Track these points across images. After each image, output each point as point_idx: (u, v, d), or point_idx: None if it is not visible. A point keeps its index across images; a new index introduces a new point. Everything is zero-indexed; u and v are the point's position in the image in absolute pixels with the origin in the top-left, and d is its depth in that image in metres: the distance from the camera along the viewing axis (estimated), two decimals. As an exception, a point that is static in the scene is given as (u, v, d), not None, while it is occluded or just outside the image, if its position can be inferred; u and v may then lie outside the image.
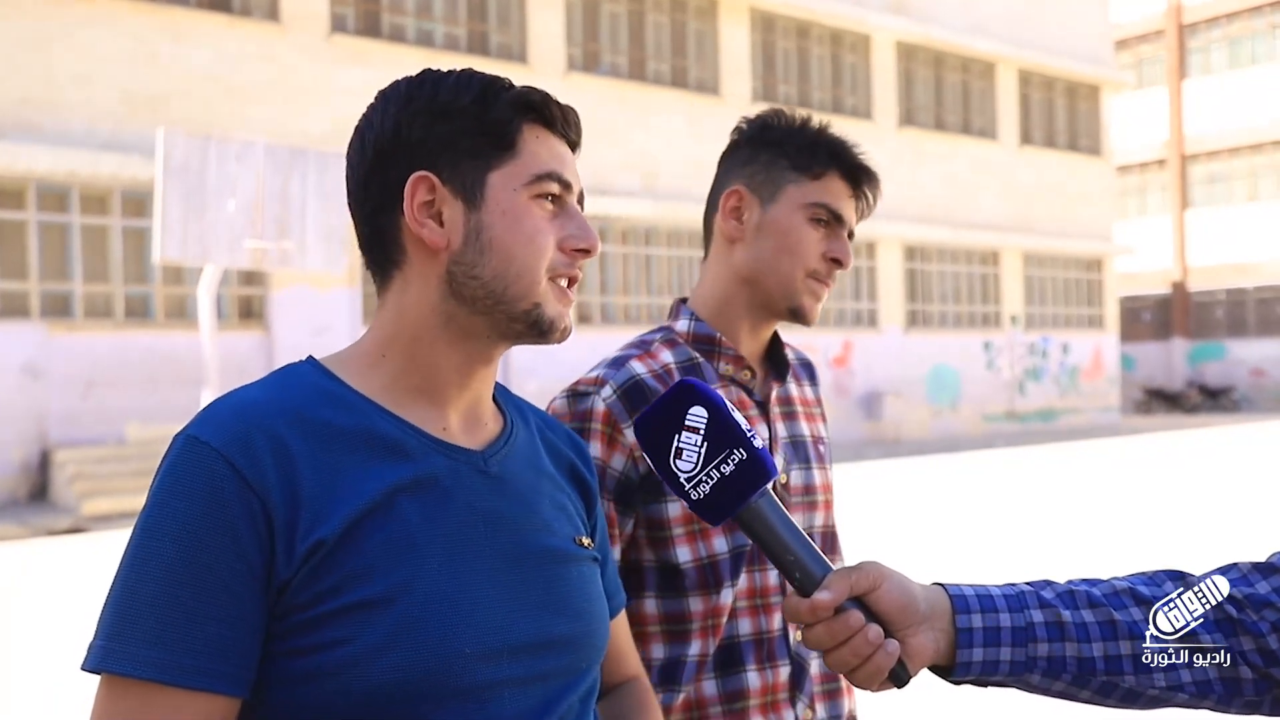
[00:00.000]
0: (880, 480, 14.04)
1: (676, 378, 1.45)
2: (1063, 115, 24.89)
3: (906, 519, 10.47)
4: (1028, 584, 1.10)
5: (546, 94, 1.06)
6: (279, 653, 0.95)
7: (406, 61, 15.50)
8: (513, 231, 1.03)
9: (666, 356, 1.51)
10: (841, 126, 1.58)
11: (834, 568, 1.02)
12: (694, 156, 18.25)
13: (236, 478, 0.93)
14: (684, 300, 1.60)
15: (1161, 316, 32.94)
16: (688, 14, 18.90)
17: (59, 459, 12.43)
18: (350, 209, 1.08)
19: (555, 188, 1.06)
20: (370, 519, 0.97)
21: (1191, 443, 19.40)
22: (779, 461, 1.51)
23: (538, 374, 16.49)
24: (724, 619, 1.45)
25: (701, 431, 1.02)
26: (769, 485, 1.02)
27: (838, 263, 1.53)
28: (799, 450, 1.57)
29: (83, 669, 0.92)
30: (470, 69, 1.07)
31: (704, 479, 1.01)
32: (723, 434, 1.01)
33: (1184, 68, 32.27)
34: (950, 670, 1.06)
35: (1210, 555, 7.73)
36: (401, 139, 1.04)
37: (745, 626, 1.47)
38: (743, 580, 1.47)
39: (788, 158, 1.53)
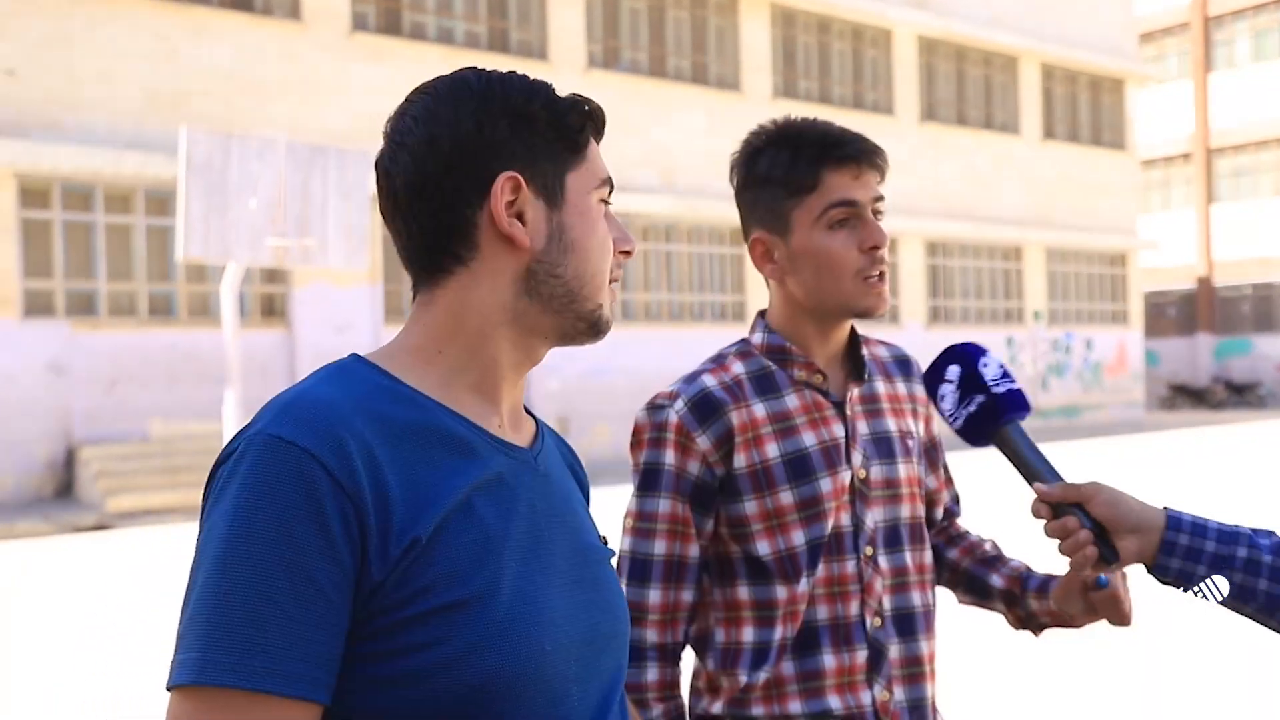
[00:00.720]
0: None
1: (746, 387, 1.60)
2: (1086, 109, 24.72)
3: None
4: (1254, 529, 1.31)
5: (596, 103, 1.11)
6: (363, 656, 0.94)
7: (428, 59, 15.53)
8: (590, 232, 1.08)
9: (738, 368, 1.62)
10: (863, 122, 1.60)
11: (1064, 480, 1.33)
12: (714, 152, 18.22)
13: (329, 479, 0.92)
14: (763, 313, 1.69)
15: (1186, 311, 32.70)
16: (708, 9, 18.86)
17: (84, 456, 12.52)
18: (402, 203, 1.06)
19: (608, 192, 1.11)
20: (454, 518, 0.97)
21: (1217, 439, 19.25)
22: (857, 457, 1.60)
23: (560, 371, 16.50)
24: (803, 606, 1.55)
25: (956, 382, 1.40)
26: (1013, 418, 1.36)
27: (875, 248, 1.57)
28: (880, 446, 1.63)
29: (175, 684, 0.88)
30: (514, 71, 1.09)
31: (958, 415, 1.40)
32: (969, 384, 1.38)
33: (1209, 60, 32.00)
34: (1152, 569, 1.32)
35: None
36: (485, 138, 1.04)
37: (823, 613, 1.56)
38: (821, 569, 1.56)
39: (781, 186, 1.58)
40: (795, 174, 1.57)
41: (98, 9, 13.06)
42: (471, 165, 1.04)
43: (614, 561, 1.17)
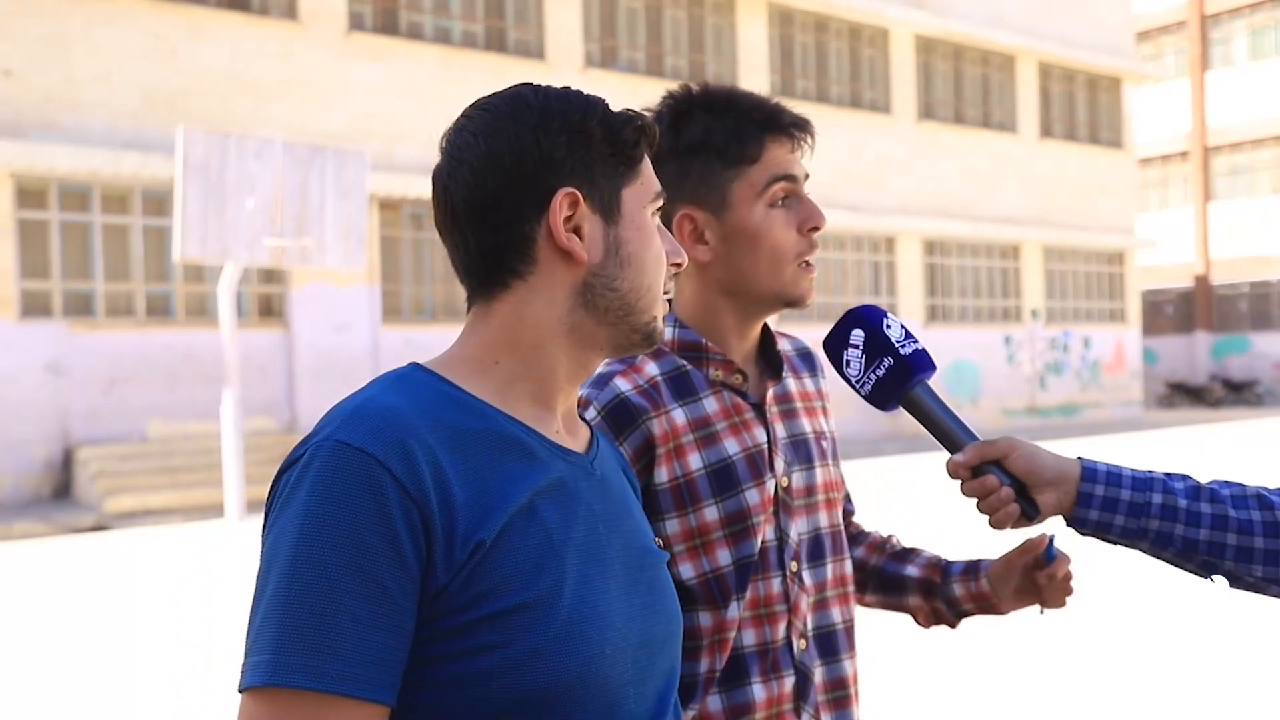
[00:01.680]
0: (899, 476, 14.00)
1: (663, 390, 1.42)
2: (1083, 108, 24.74)
3: (926, 515, 10.44)
4: (1167, 474, 1.32)
5: (649, 118, 1.12)
6: (427, 658, 0.96)
7: (424, 58, 15.52)
8: (646, 246, 1.10)
9: (651, 369, 1.44)
10: (860, 121, 1.57)
11: (978, 438, 1.31)
12: (712, 152, 18.21)
13: (397, 486, 0.94)
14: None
15: (1184, 310, 32.72)
16: (705, 9, 18.86)
17: (82, 456, 12.51)
18: (460, 217, 1.07)
19: (660, 205, 1.13)
20: (518, 521, 0.99)
21: (1215, 437, 19.27)
22: (780, 464, 1.46)
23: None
24: (731, 633, 1.40)
25: (861, 347, 1.34)
26: (921, 379, 1.31)
27: (816, 229, 1.44)
28: (799, 450, 1.50)
29: (248, 686, 0.90)
30: (569, 87, 1.11)
31: (866, 380, 1.34)
32: (876, 347, 1.33)
33: (1206, 59, 32.02)
34: (1070, 521, 1.33)
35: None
36: (544, 154, 1.06)
37: (749, 638, 1.42)
38: (747, 591, 1.42)
39: (720, 158, 1.42)
40: (738, 141, 1.41)
41: (95, 9, 13.05)
42: (531, 181, 1.06)
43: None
